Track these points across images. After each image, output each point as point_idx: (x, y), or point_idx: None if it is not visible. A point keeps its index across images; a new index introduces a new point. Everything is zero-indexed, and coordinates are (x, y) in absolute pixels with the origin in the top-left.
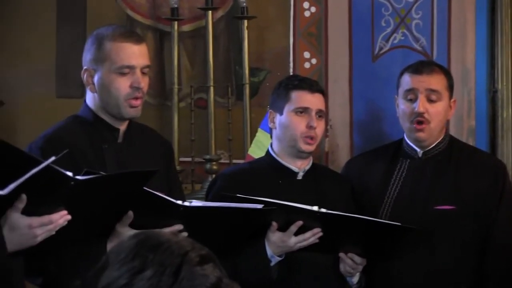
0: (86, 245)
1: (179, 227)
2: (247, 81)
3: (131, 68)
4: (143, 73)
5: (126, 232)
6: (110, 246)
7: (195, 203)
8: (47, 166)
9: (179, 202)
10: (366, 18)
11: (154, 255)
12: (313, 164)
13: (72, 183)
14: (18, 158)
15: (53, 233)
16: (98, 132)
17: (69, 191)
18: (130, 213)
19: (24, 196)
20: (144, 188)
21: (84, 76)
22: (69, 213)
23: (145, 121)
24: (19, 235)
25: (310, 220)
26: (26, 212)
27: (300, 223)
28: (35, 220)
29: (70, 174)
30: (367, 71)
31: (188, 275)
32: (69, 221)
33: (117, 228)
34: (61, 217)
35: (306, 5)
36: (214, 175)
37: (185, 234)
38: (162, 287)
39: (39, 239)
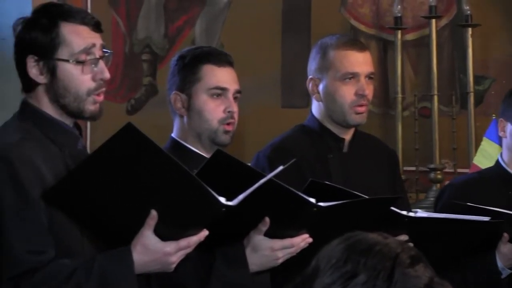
0: None
1: (404, 237)
2: (472, 89)
3: (355, 75)
4: (367, 81)
5: None
6: None
7: (420, 213)
8: (293, 194)
9: (404, 212)
10: None
11: (366, 259)
12: None
13: (315, 209)
14: (248, 174)
15: (294, 255)
16: (323, 141)
17: (312, 216)
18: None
19: (267, 219)
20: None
21: (310, 85)
22: (310, 236)
23: (369, 130)
24: (261, 257)
25: None
26: (268, 234)
27: None
28: (277, 243)
29: (312, 200)
30: None
31: (401, 278)
32: (310, 243)
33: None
34: (303, 240)
35: None
36: (438, 185)
37: (410, 244)
38: None
39: (280, 261)
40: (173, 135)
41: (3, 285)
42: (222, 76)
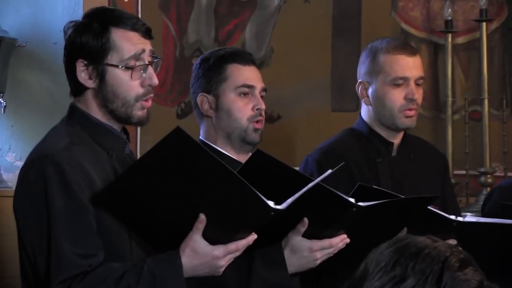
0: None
1: (453, 242)
2: None
3: (405, 79)
4: (417, 85)
5: None
6: None
7: (469, 218)
8: (332, 192)
9: (453, 217)
10: None
11: (415, 262)
12: None
13: (354, 209)
14: (295, 178)
15: (332, 255)
16: (372, 145)
17: (351, 216)
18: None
19: (306, 220)
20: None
21: (359, 89)
22: (348, 236)
23: (419, 133)
24: (299, 258)
25: None
26: (306, 235)
27: None
28: (316, 244)
29: (352, 200)
30: None
31: (450, 282)
32: (347, 244)
33: None
34: (341, 241)
35: None
36: (489, 188)
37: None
38: None
39: (319, 262)
40: (201, 137)
41: None
42: (248, 74)
